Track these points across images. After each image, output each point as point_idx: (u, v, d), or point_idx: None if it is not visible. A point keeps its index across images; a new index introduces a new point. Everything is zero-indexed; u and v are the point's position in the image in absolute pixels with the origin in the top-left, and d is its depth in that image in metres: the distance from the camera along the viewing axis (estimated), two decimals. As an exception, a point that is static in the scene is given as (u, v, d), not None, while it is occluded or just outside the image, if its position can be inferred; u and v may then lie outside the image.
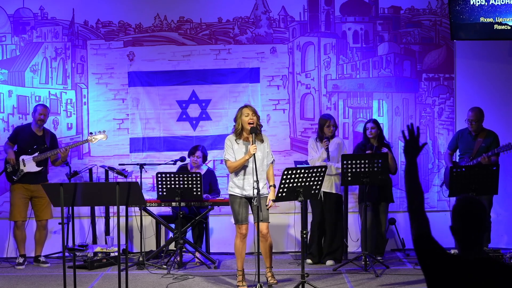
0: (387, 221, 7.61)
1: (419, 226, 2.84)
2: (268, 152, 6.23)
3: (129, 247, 8.08)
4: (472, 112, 7.40)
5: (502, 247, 7.65)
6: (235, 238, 6.24)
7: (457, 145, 7.59)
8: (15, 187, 7.46)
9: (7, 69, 8.18)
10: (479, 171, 6.81)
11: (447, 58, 8.24)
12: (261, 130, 6.27)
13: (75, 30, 8.23)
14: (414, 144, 2.96)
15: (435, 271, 2.76)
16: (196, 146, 7.77)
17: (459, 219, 2.81)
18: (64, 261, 5.47)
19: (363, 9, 8.27)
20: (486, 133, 7.40)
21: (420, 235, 2.82)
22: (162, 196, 7.17)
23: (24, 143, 7.47)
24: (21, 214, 7.47)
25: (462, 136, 7.53)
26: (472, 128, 7.38)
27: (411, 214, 2.88)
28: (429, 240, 2.81)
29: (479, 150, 7.31)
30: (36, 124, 7.48)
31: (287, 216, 8.06)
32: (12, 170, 7.42)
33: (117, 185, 5.32)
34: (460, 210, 2.83)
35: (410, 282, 6.43)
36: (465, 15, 7.62)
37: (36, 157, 7.42)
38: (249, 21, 8.24)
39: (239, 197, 6.17)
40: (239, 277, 6.27)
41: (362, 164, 6.85)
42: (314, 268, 7.17)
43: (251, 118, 6.09)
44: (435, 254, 2.77)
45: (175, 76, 8.24)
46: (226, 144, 6.25)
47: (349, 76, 8.26)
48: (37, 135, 7.51)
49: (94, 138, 7.53)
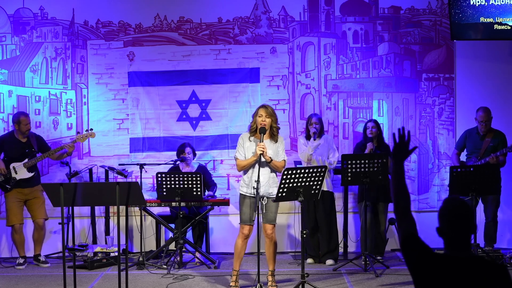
0: (387, 221, 7.60)
1: (405, 227, 2.87)
2: (279, 151, 6.19)
3: (129, 247, 8.08)
4: (484, 112, 7.36)
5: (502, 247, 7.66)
6: (237, 237, 6.22)
7: (464, 145, 7.57)
8: (9, 193, 7.44)
9: (7, 69, 8.18)
10: (479, 171, 6.81)
11: (447, 58, 8.24)
12: (278, 132, 6.19)
13: (75, 30, 8.23)
14: (402, 148, 2.98)
15: (422, 271, 2.78)
16: (183, 143, 7.80)
17: (446, 221, 2.82)
18: (64, 261, 5.47)
19: (363, 9, 8.27)
20: (494, 133, 7.38)
21: (406, 236, 2.85)
22: (162, 196, 7.17)
23: (12, 152, 7.43)
24: (17, 217, 7.45)
25: (470, 135, 7.52)
26: (483, 129, 7.36)
27: (398, 216, 2.92)
28: (415, 241, 2.83)
29: (486, 150, 7.30)
30: (23, 134, 7.43)
31: (287, 216, 8.06)
32: (4, 180, 7.41)
33: (117, 185, 5.32)
34: (447, 212, 2.83)
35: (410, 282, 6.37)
36: (465, 15, 7.62)
37: (27, 163, 7.40)
38: (249, 21, 8.24)
39: (248, 197, 6.11)
40: (233, 277, 6.26)
41: (362, 164, 6.84)
42: (314, 268, 7.18)
43: (263, 120, 6.06)
44: (421, 254, 2.79)
45: (175, 76, 8.24)
46: (238, 142, 6.23)
47: (349, 76, 8.26)
48: (22, 142, 7.47)
49: (81, 137, 7.50)
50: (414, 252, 2.80)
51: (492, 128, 7.42)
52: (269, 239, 6.16)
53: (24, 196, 7.45)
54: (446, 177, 7.82)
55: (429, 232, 3.63)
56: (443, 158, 8.19)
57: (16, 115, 7.53)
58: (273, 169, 6.13)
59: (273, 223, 6.16)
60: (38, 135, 7.69)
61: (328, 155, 7.33)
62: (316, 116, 7.44)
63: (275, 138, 6.14)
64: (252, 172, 6.08)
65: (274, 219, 6.16)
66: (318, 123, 7.34)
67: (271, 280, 6.22)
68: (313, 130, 7.25)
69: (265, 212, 6.07)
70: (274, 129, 6.12)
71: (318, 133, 7.30)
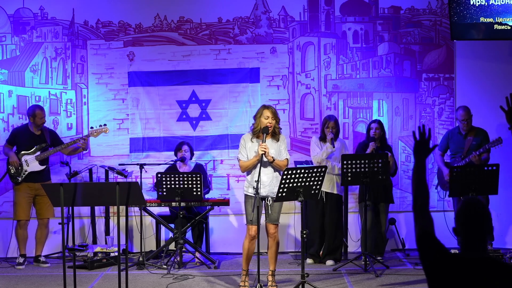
0: (387, 221, 7.61)
1: (422, 225, 2.85)
2: (281, 150, 6.17)
3: (129, 247, 8.08)
4: (464, 111, 7.39)
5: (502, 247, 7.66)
6: (244, 238, 6.20)
7: (447, 146, 7.60)
8: (19, 186, 7.48)
9: (7, 69, 8.18)
10: (479, 171, 6.80)
11: (447, 58, 8.24)
12: (280, 132, 6.19)
13: (75, 30, 8.23)
14: (424, 145, 2.98)
15: (436, 271, 2.76)
16: (181, 142, 7.82)
17: (461, 221, 2.82)
18: (64, 261, 5.47)
19: (363, 9, 8.27)
20: (476, 131, 7.41)
21: (423, 234, 2.83)
22: (162, 196, 7.17)
23: (25, 145, 7.48)
24: (25, 213, 7.48)
25: (452, 136, 7.55)
26: (465, 128, 7.39)
27: (415, 213, 2.90)
28: (432, 240, 2.81)
29: (469, 149, 7.32)
30: (37, 127, 7.48)
31: (287, 216, 8.05)
32: (15, 172, 7.43)
33: (117, 185, 5.32)
34: (465, 213, 2.83)
35: (410, 282, 6.43)
36: (465, 15, 7.62)
37: (39, 156, 7.44)
38: (249, 21, 8.24)
39: (253, 197, 6.08)
40: (242, 276, 6.27)
41: (362, 164, 6.84)
42: (314, 268, 7.17)
43: (270, 122, 6.06)
44: (437, 253, 2.78)
45: (175, 76, 8.24)
46: (240, 144, 6.23)
47: (349, 76, 8.25)
48: (36, 135, 7.51)
49: (95, 132, 7.52)
50: (431, 251, 2.79)
51: (473, 126, 7.43)
52: (272, 238, 6.16)
53: (34, 191, 7.46)
54: (446, 177, 7.81)
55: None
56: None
57: (32, 108, 7.57)
58: (276, 169, 6.13)
59: (276, 223, 6.16)
60: (51, 130, 7.73)
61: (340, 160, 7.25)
62: (333, 119, 7.33)
63: (276, 137, 6.14)
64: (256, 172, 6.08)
65: (277, 218, 6.17)
66: (335, 126, 7.27)
67: (271, 280, 6.22)
68: (330, 136, 7.17)
69: (270, 212, 6.07)
70: (276, 129, 6.12)
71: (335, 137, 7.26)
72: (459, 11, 7.62)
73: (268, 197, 6.07)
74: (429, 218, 2.87)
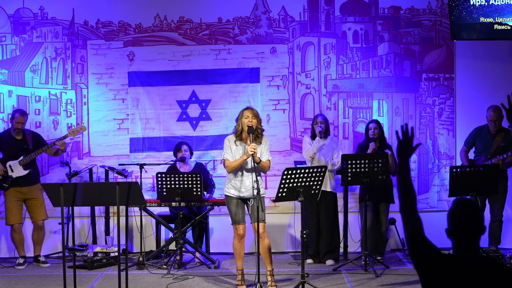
0: (387, 221, 7.61)
1: (412, 227, 2.83)
2: (263, 152, 6.16)
3: (129, 247, 8.08)
4: (494, 112, 7.29)
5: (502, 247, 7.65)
6: (233, 239, 6.24)
7: (474, 143, 7.52)
8: (7, 192, 7.45)
9: (7, 69, 8.18)
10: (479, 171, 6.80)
11: (447, 58, 8.24)
12: (262, 133, 6.20)
13: (75, 30, 8.23)
14: (407, 145, 2.96)
15: (429, 272, 2.75)
16: (180, 142, 7.83)
17: (454, 222, 2.80)
18: (64, 261, 5.47)
19: (363, 9, 8.27)
20: (505, 132, 7.29)
21: (413, 235, 2.82)
22: (162, 196, 7.17)
23: (8, 150, 7.44)
24: (16, 217, 7.45)
25: (481, 133, 7.45)
26: (493, 128, 7.32)
27: (405, 214, 2.87)
28: (422, 241, 2.80)
29: (497, 150, 7.26)
30: (14, 131, 7.46)
31: (287, 216, 8.06)
32: (2, 178, 7.41)
33: (117, 185, 5.32)
34: (455, 213, 2.81)
35: (410, 282, 6.43)
36: (465, 15, 7.62)
37: (22, 161, 7.40)
38: (249, 21, 8.24)
39: (235, 198, 6.15)
40: (238, 276, 6.28)
41: (362, 164, 6.84)
42: (314, 268, 7.17)
43: (250, 121, 6.07)
44: (429, 254, 2.76)
45: (175, 76, 8.24)
46: (225, 144, 6.24)
47: (349, 76, 8.25)
48: (17, 139, 7.47)
49: (72, 131, 7.49)
50: (423, 252, 2.77)
51: (503, 127, 7.31)
52: (261, 238, 6.12)
53: (23, 195, 7.45)
54: (446, 177, 7.82)
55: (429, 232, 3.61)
56: (443, 158, 8.18)
57: (13, 112, 7.59)
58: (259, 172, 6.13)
59: (262, 222, 6.08)
60: (35, 133, 7.69)
61: (332, 156, 7.32)
62: (322, 116, 7.45)
63: (259, 140, 6.14)
64: (242, 175, 6.09)
65: (263, 217, 6.10)
66: (324, 122, 7.34)
67: (271, 280, 6.21)
68: (318, 129, 7.25)
69: (253, 212, 6.07)
70: (258, 130, 6.13)
71: (324, 133, 7.30)
72: (459, 11, 7.62)
73: (250, 199, 6.07)
74: (418, 219, 2.84)
